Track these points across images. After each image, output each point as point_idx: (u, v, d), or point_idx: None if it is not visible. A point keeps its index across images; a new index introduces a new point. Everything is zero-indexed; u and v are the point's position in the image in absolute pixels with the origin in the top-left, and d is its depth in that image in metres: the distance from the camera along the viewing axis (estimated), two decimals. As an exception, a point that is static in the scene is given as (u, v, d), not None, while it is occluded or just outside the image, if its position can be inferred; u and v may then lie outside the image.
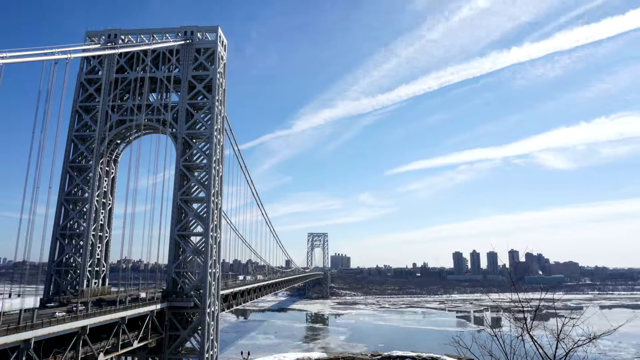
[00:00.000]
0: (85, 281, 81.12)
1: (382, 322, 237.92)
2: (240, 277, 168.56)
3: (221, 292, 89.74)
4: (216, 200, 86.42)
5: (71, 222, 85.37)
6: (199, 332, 79.79)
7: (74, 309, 57.07)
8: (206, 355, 79.04)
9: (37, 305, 56.55)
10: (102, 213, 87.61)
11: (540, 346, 16.35)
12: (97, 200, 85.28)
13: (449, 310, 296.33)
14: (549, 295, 19.61)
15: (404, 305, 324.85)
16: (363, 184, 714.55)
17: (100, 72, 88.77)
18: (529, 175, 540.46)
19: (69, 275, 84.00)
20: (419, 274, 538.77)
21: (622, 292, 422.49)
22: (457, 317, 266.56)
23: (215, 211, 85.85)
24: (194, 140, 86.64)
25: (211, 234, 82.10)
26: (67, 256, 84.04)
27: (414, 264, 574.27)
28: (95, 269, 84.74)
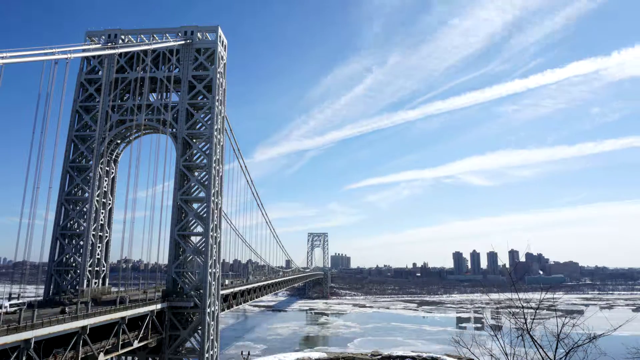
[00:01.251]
0: (85, 281, 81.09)
1: (382, 321, 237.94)
2: (238, 282, 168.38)
3: (221, 292, 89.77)
4: (216, 200, 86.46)
5: (71, 222, 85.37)
6: (199, 332, 79.80)
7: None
8: (206, 355, 79.07)
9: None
10: (102, 213, 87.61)
11: (540, 346, 16.36)
12: (97, 200, 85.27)
13: (450, 310, 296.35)
14: (549, 295, 19.62)
15: (404, 305, 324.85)
16: (329, 196, 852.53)
17: (100, 72, 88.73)
18: (458, 190, 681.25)
19: (69, 275, 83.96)
20: (419, 274, 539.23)
21: (622, 292, 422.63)
22: (457, 317, 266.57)
23: (215, 211, 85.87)
24: (194, 140, 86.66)
25: (211, 233, 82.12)
26: (67, 256, 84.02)
27: (414, 264, 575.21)
28: (96, 269, 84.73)
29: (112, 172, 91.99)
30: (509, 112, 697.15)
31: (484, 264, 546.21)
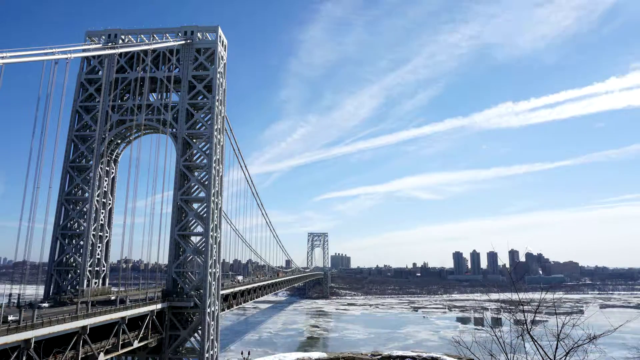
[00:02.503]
0: (85, 281, 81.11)
1: (382, 321, 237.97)
2: (239, 278, 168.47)
3: (221, 292, 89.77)
4: (216, 200, 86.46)
5: (71, 222, 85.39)
6: (199, 332, 79.82)
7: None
8: (206, 355, 79.08)
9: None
10: (102, 213, 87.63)
11: (541, 346, 16.36)
12: (97, 200, 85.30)
13: (450, 310, 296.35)
14: (549, 295, 19.61)
15: (404, 305, 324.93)
16: (304, 205, 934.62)
17: (100, 72, 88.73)
18: (412, 201, 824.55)
19: (69, 275, 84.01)
20: (419, 274, 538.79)
21: (622, 292, 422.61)
22: (457, 317, 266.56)
23: (216, 211, 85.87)
24: (194, 140, 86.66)
25: (211, 233, 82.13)
26: (67, 256, 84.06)
27: (414, 264, 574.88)
28: (96, 268, 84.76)
29: (112, 172, 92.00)
30: (413, 150, 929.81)
31: (484, 264, 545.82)
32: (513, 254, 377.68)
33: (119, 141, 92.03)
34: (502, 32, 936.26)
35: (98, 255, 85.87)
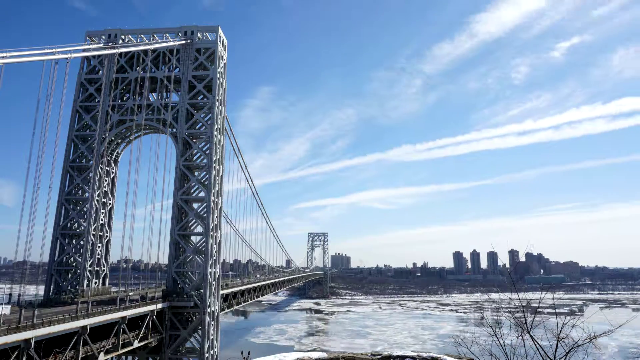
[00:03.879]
0: (85, 281, 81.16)
1: (382, 321, 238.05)
2: (238, 281, 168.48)
3: (221, 292, 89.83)
4: (216, 200, 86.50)
5: (71, 222, 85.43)
6: (199, 331, 79.87)
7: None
8: (206, 355, 79.14)
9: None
10: (102, 213, 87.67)
11: (541, 346, 16.36)
12: (97, 200, 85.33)
13: (450, 310, 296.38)
14: (549, 295, 19.62)
15: (404, 304, 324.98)
16: (282, 212, 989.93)
17: (100, 72, 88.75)
18: (373, 211, 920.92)
19: (70, 275, 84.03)
20: (419, 274, 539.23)
21: (622, 292, 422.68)
22: (457, 317, 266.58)
23: (216, 211, 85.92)
24: (194, 140, 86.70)
25: (211, 233, 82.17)
26: (67, 256, 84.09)
27: (414, 264, 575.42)
28: (96, 268, 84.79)
29: (112, 172, 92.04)
30: (352, 174, 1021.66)
31: (484, 263, 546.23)
32: (513, 254, 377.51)
33: (119, 141, 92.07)
34: (379, 104, 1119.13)
35: (98, 255, 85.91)
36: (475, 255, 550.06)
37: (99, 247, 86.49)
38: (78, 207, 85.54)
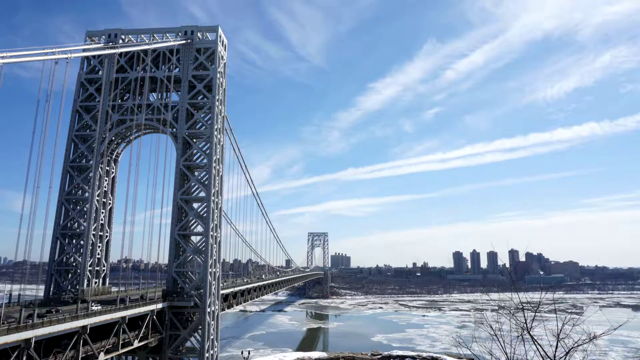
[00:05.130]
0: (85, 281, 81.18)
1: (382, 320, 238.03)
2: (239, 280, 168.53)
3: (221, 292, 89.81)
4: (216, 199, 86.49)
5: (71, 222, 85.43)
6: (199, 331, 79.86)
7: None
8: (206, 355, 79.13)
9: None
10: (102, 213, 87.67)
11: (541, 346, 16.37)
12: (97, 200, 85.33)
13: (449, 310, 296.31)
14: (549, 295, 19.63)
15: (404, 304, 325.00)
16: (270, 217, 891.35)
17: (100, 72, 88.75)
18: (345, 218, 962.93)
19: (70, 275, 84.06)
20: (419, 274, 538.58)
21: (622, 292, 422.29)
22: (457, 316, 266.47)
23: (216, 211, 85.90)
24: (194, 140, 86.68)
25: (211, 233, 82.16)
26: (67, 256, 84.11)
27: (414, 264, 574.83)
28: (96, 268, 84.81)
29: (113, 172, 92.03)
30: (314, 189, 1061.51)
31: (484, 263, 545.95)
32: (513, 254, 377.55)
33: (119, 141, 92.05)
34: (315, 144, 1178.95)
35: (98, 255, 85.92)
36: (475, 255, 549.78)
37: (99, 247, 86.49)
38: (78, 207, 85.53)
